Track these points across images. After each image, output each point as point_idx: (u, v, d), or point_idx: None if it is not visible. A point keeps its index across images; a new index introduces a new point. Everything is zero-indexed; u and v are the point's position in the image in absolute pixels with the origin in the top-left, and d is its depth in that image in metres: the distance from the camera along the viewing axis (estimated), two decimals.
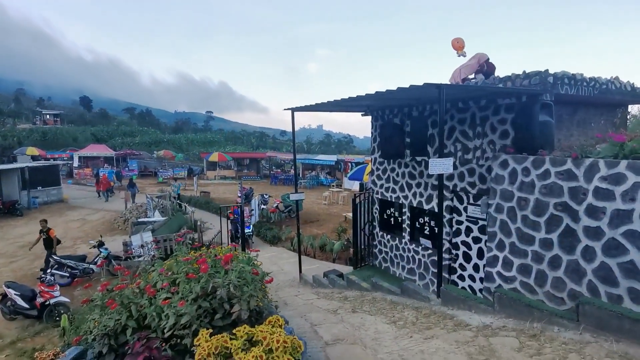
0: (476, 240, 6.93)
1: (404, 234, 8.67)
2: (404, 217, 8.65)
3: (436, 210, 7.57)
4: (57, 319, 7.45)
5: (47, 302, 7.94)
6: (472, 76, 7.27)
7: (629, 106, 7.71)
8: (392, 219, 9.16)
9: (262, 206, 17.99)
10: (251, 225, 14.19)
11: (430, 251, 7.89)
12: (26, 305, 7.96)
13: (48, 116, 67.18)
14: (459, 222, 7.26)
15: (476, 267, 6.97)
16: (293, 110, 8.43)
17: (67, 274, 10.13)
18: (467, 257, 7.14)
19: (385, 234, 9.33)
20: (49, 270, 9.47)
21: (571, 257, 4.62)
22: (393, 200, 8.96)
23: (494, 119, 6.40)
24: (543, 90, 5.51)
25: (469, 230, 7.07)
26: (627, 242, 4.02)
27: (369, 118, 9.83)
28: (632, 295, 3.95)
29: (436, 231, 7.69)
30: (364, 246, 9.69)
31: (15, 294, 8.01)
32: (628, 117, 7.87)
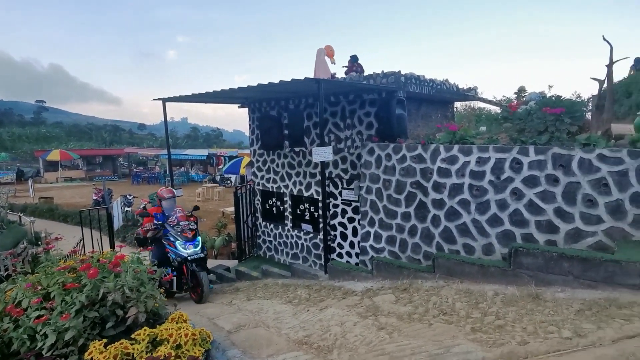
0: (351, 220, 7.79)
1: (286, 221, 9.08)
2: (285, 206, 9.04)
3: (315, 196, 8.19)
4: None
5: None
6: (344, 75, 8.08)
7: (455, 103, 9.75)
8: (274, 209, 9.45)
9: (127, 208, 16.09)
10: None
11: (311, 235, 8.49)
12: None
13: None
14: (335, 206, 8.02)
15: (352, 244, 7.85)
16: (164, 100, 7.84)
17: None
18: (344, 236, 7.97)
19: (268, 224, 9.57)
20: None
21: (424, 225, 5.70)
22: (274, 190, 9.25)
23: (361, 112, 7.27)
24: (398, 88, 6.55)
25: (344, 212, 7.88)
26: (461, 209, 5.21)
27: (238, 111, 9.83)
28: (466, 249, 5.16)
29: (316, 216, 8.34)
30: (248, 238, 9.75)
31: None
32: (455, 111, 9.94)
